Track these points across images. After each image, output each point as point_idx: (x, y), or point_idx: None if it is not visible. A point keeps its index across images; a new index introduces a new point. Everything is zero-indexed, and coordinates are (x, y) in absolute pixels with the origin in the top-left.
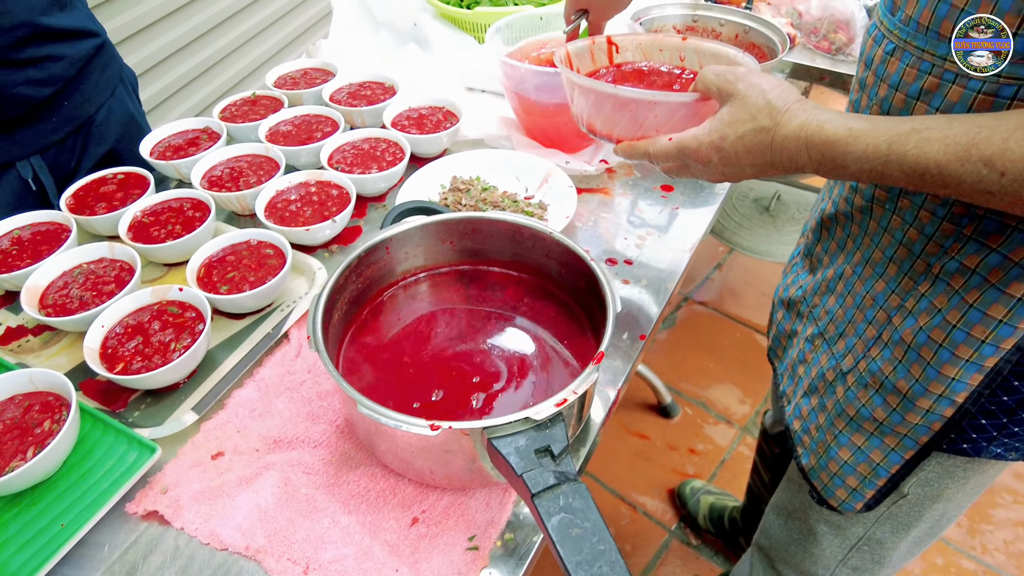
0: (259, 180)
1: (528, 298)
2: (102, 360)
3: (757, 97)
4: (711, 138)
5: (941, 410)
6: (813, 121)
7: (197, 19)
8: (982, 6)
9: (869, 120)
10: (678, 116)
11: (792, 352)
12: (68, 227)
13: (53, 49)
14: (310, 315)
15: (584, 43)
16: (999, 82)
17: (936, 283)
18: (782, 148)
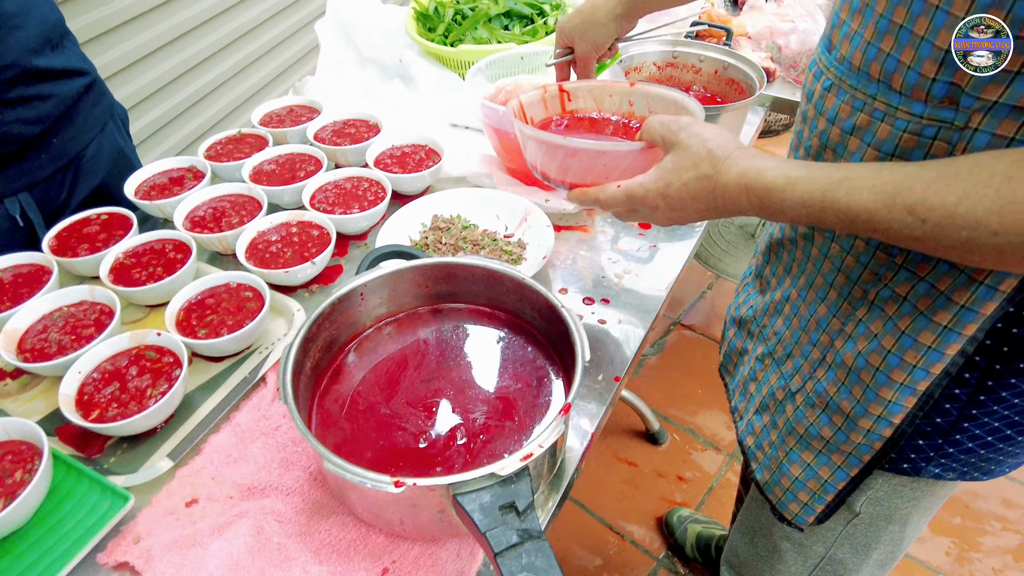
0: (241, 220)
1: (502, 342)
2: (78, 407)
3: (699, 146)
4: (657, 185)
5: (881, 430)
6: (752, 168)
7: (185, 54)
8: (904, 51)
9: (806, 167)
10: (626, 163)
11: (743, 369)
12: (50, 269)
13: (43, 88)
14: (281, 366)
15: (536, 93)
16: (922, 122)
17: (872, 309)
18: (724, 194)
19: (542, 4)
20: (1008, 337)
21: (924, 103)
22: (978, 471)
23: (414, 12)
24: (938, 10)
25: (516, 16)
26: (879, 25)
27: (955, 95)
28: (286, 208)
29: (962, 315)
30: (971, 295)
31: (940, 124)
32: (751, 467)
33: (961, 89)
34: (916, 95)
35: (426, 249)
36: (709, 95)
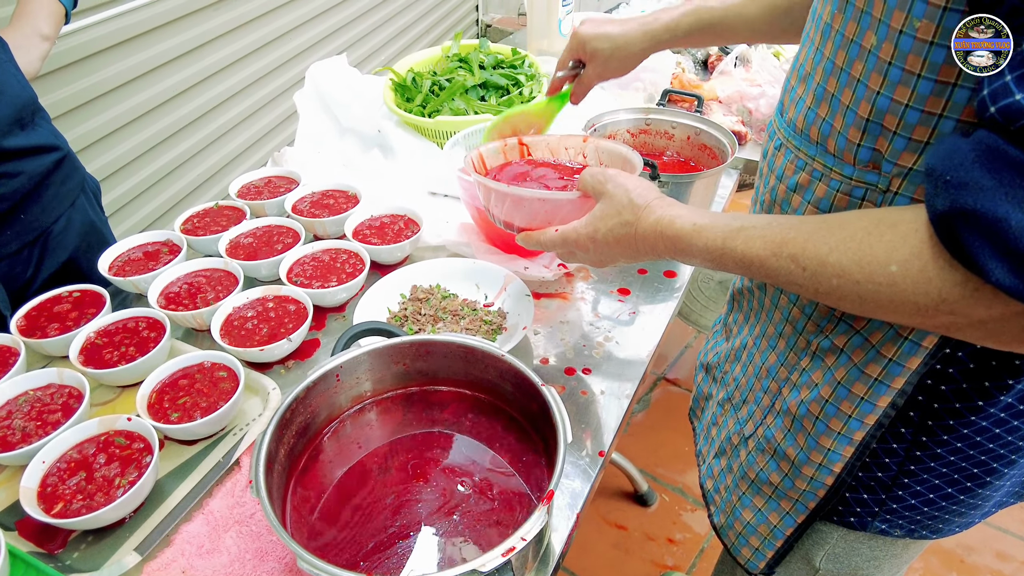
0: (217, 296)
1: (482, 420)
2: (40, 499)
3: (622, 195)
4: (587, 230)
5: (823, 478)
6: (666, 217)
7: (159, 125)
8: (836, 118)
9: (711, 217)
10: (565, 211)
11: (707, 414)
12: (16, 350)
13: (11, 166)
14: (253, 458)
15: (496, 144)
16: (852, 184)
17: (814, 359)
18: (643, 239)
19: (517, 75)
20: (937, 394)
21: (852, 166)
22: (925, 529)
23: (392, 83)
24: (859, 83)
25: (492, 87)
26: (816, 92)
27: (877, 160)
28: (263, 281)
29: (891, 368)
30: (897, 349)
31: (867, 186)
32: (710, 510)
33: (882, 155)
34: (846, 158)
35: (405, 321)
36: (682, 160)
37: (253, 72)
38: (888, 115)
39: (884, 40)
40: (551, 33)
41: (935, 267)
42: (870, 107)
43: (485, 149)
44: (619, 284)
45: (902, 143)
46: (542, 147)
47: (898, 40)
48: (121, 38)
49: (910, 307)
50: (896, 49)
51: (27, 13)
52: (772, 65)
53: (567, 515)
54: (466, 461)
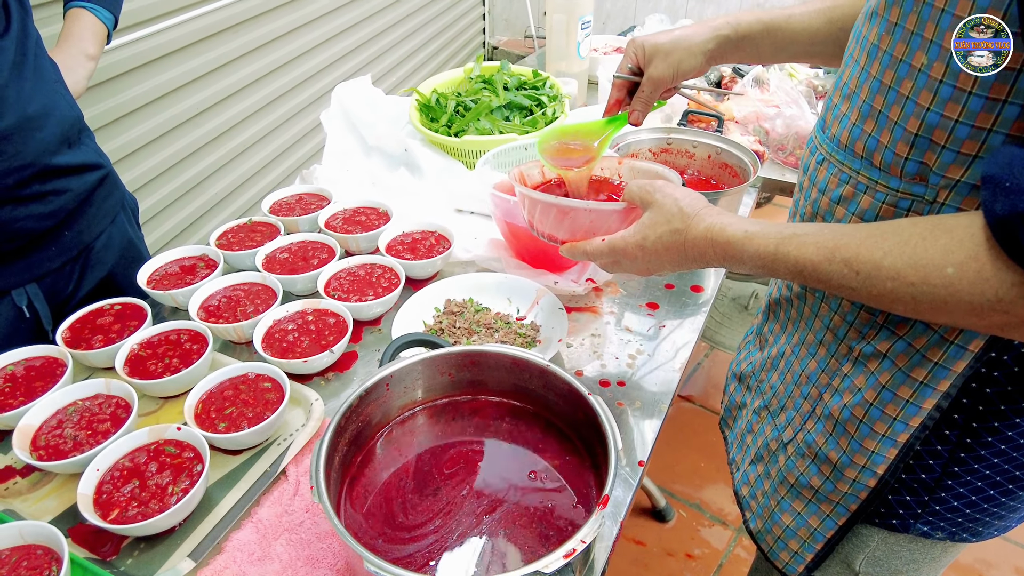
0: (256, 309)
1: (527, 429)
2: (96, 507)
3: (671, 204)
4: (635, 239)
5: (865, 480)
6: (717, 224)
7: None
8: (883, 133)
9: (761, 225)
10: (610, 221)
11: (741, 423)
12: (64, 362)
13: (58, 184)
14: (312, 464)
15: (534, 164)
16: (898, 196)
17: (856, 365)
18: (693, 246)
19: (540, 96)
20: (982, 397)
21: (899, 179)
22: (966, 532)
23: (417, 103)
24: (908, 100)
25: (516, 108)
26: (862, 110)
27: (924, 173)
28: (299, 296)
29: (936, 372)
30: (943, 353)
31: (913, 198)
32: (745, 516)
33: (929, 168)
34: (892, 171)
35: (440, 334)
36: (703, 178)
37: (276, 89)
38: (938, 130)
39: (936, 60)
40: (570, 55)
41: (992, 269)
42: (920, 123)
43: (524, 168)
44: (647, 298)
45: (951, 156)
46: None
47: (950, 60)
48: (152, 56)
49: (964, 307)
50: (948, 68)
51: (74, 34)
52: (788, 86)
53: (610, 524)
54: (512, 468)
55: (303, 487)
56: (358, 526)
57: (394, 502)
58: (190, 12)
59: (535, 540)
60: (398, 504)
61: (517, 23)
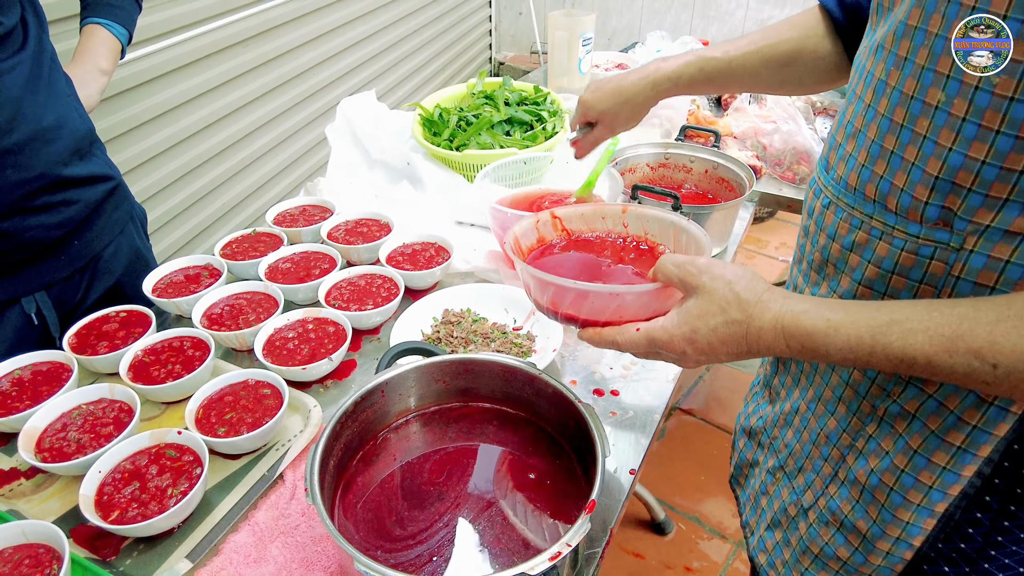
0: (258, 317)
1: (519, 436)
2: (97, 508)
3: (724, 290)
4: (682, 331)
5: (901, 553)
6: (788, 312)
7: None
8: (897, 175)
9: (844, 309)
10: (640, 303)
11: (754, 482)
12: (69, 367)
13: (69, 195)
14: (307, 466)
15: (528, 222)
16: (919, 242)
17: (882, 425)
18: (758, 338)
19: (540, 111)
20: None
21: (919, 224)
22: None
23: (420, 118)
24: (926, 140)
25: (517, 123)
26: (871, 150)
27: (948, 218)
28: (300, 305)
29: (975, 436)
30: (982, 416)
31: (936, 245)
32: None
33: (954, 212)
34: (911, 216)
35: (438, 343)
36: (700, 192)
37: (282, 103)
38: (962, 172)
39: (956, 96)
40: (571, 71)
41: None
42: (941, 164)
43: (519, 229)
44: None
45: (978, 200)
46: (576, 219)
47: (973, 96)
48: (162, 71)
49: None
50: (971, 105)
51: (89, 50)
52: (786, 103)
53: (600, 530)
54: (503, 474)
55: (299, 491)
56: (351, 528)
57: (387, 506)
58: (199, 28)
59: (523, 544)
60: (390, 508)
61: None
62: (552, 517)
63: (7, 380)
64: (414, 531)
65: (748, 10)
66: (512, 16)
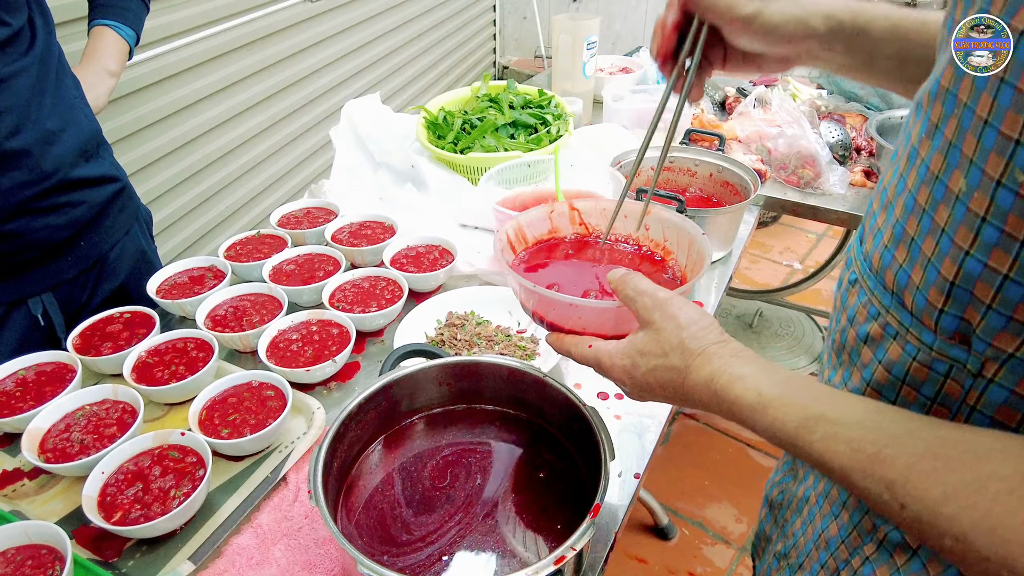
0: (262, 319)
1: (523, 438)
2: (100, 509)
3: (671, 333)
4: (623, 362)
5: None
6: (724, 375)
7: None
8: (915, 268)
9: (783, 386)
10: (600, 319)
11: (767, 559)
12: (73, 368)
13: (76, 196)
14: (311, 468)
15: (542, 211)
16: (932, 355)
17: (880, 550)
18: (692, 391)
19: (545, 115)
20: None
21: (934, 333)
22: None
23: (424, 121)
24: (943, 234)
25: (521, 126)
26: (895, 230)
27: (966, 332)
28: (304, 307)
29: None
30: None
31: (951, 363)
32: None
33: (972, 328)
34: (925, 321)
35: (442, 345)
36: (705, 196)
37: (287, 106)
38: (980, 283)
39: (976, 188)
40: (575, 75)
41: None
42: (956, 268)
43: (525, 218)
44: None
45: (999, 321)
46: (596, 213)
47: (995, 193)
48: (168, 73)
49: None
50: (992, 204)
51: (97, 51)
52: (790, 107)
53: (605, 534)
54: (507, 477)
55: (303, 494)
56: (354, 531)
57: (390, 509)
58: (206, 30)
59: (528, 548)
60: (394, 511)
61: (527, 43)
62: (556, 521)
63: (11, 380)
64: (417, 534)
65: None
66: (516, 20)
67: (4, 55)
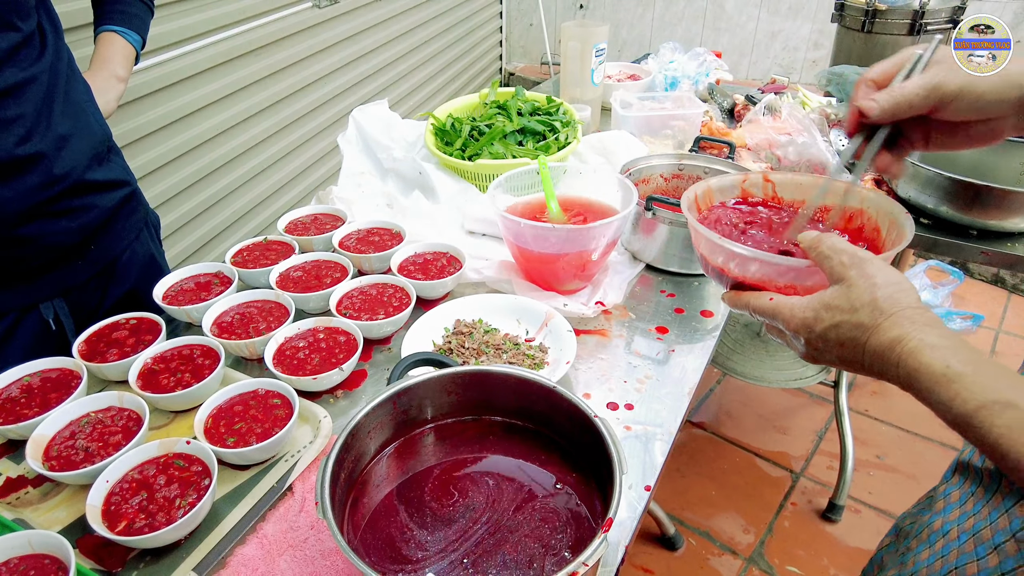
0: (269, 326)
1: (532, 450)
2: (104, 518)
3: (864, 291)
4: (804, 315)
5: None
6: (914, 339)
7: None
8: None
9: (976, 366)
10: (789, 276)
11: None
12: (79, 374)
13: (87, 200)
14: (318, 479)
15: (735, 179)
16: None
17: None
18: (874, 354)
19: (553, 121)
20: None
21: None
22: None
23: (432, 127)
24: None
25: (530, 132)
26: None
27: None
28: (311, 314)
29: None
30: None
31: None
32: None
33: None
34: None
35: (449, 353)
36: None
37: (294, 111)
38: None
39: None
40: (584, 82)
41: None
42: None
43: (717, 183)
44: (657, 322)
45: None
46: (791, 187)
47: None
48: (176, 79)
49: None
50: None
51: (106, 57)
52: (800, 114)
53: (615, 548)
54: (517, 489)
55: (309, 504)
56: (360, 544)
57: (398, 521)
58: (213, 36)
59: (539, 562)
60: (401, 523)
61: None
62: (568, 534)
63: (16, 387)
64: (425, 548)
65: (759, 23)
66: (523, 27)
67: (17, 60)
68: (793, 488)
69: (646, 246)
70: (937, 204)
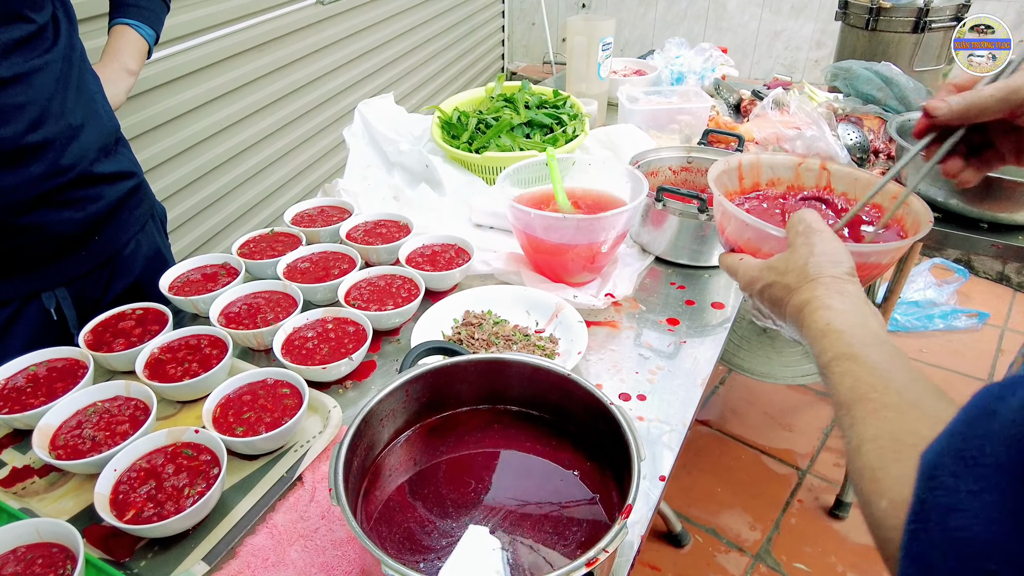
0: (276, 317)
1: (548, 439)
2: (112, 507)
3: (800, 256)
4: (750, 274)
5: None
6: (817, 301)
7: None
8: None
9: (852, 328)
10: (766, 242)
11: None
12: (85, 364)
13: (94, 191)
14: (331, 466)
15: (789, 160)
16: None
17: None
18: (791, 313)
19: (560, 115)
20: None
21: None
22: None
23: (439, 120)
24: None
25: (537, 125)
26: None
27: None
28: (319, 305)
29: None
30: None
31: None
32: None
33: None
34: None
35: (459, 344)
36: None
37: (302, 105)
38: None
39: None
40: (590, 77)
41: None
42: None
43: (768, 160)
44: (667, 314)
45: None
46: (846, 180)
47: None
48: (184, 71)
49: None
50: None
51: (117, 50)
52: (808, 108)
53: (631, 538)
54: (532, 478)
55: (319, 494)
56: (375, 531)
57: (410, 509)
58: (222, 30)
59: (557, 549)
60: (414, 511)
61: (535, 49)
62: (586, 522)
63: (22, 376)
64: (440, 536)
65: (761, 22)
66: (525, 26)
67: (28, 51)
68: (800, 485)
69: (655, 238)
70: (947, 197)
